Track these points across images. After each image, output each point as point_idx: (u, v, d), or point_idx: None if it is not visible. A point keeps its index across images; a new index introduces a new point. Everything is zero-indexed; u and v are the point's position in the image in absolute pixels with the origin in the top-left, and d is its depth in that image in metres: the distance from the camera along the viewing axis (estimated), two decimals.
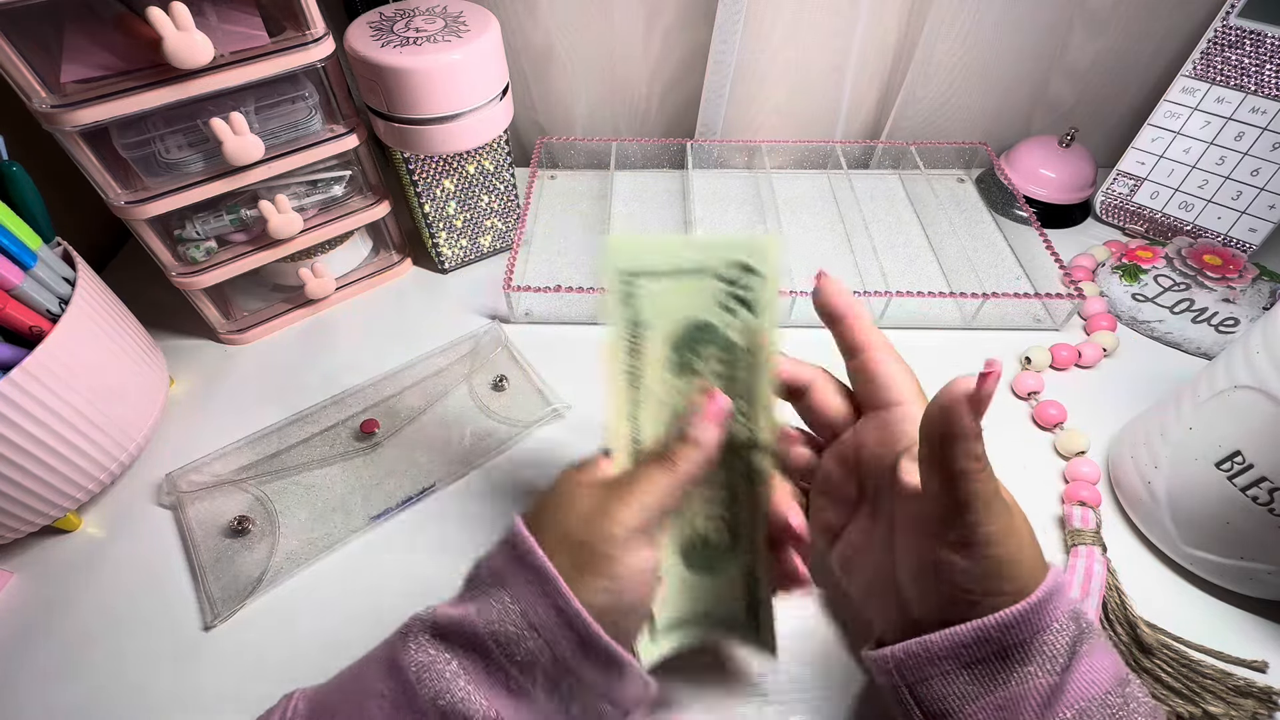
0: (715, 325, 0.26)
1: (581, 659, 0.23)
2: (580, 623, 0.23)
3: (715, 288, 0.25)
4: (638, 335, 0.26)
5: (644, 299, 0.26)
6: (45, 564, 0.37)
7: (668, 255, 0.25)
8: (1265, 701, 0.30)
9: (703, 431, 0.25)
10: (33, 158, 0.37)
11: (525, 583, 0.23)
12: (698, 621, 0.29)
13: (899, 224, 0.57)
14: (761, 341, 0.25)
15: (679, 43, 0.58)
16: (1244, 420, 0.30)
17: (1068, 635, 0.23)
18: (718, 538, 0.28)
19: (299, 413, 0.43)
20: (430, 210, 0.49)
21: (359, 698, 0.23)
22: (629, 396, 0.27)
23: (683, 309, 0.26)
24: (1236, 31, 0.47)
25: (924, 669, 0.24)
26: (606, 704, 0.24)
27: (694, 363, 0.26)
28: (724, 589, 0.28)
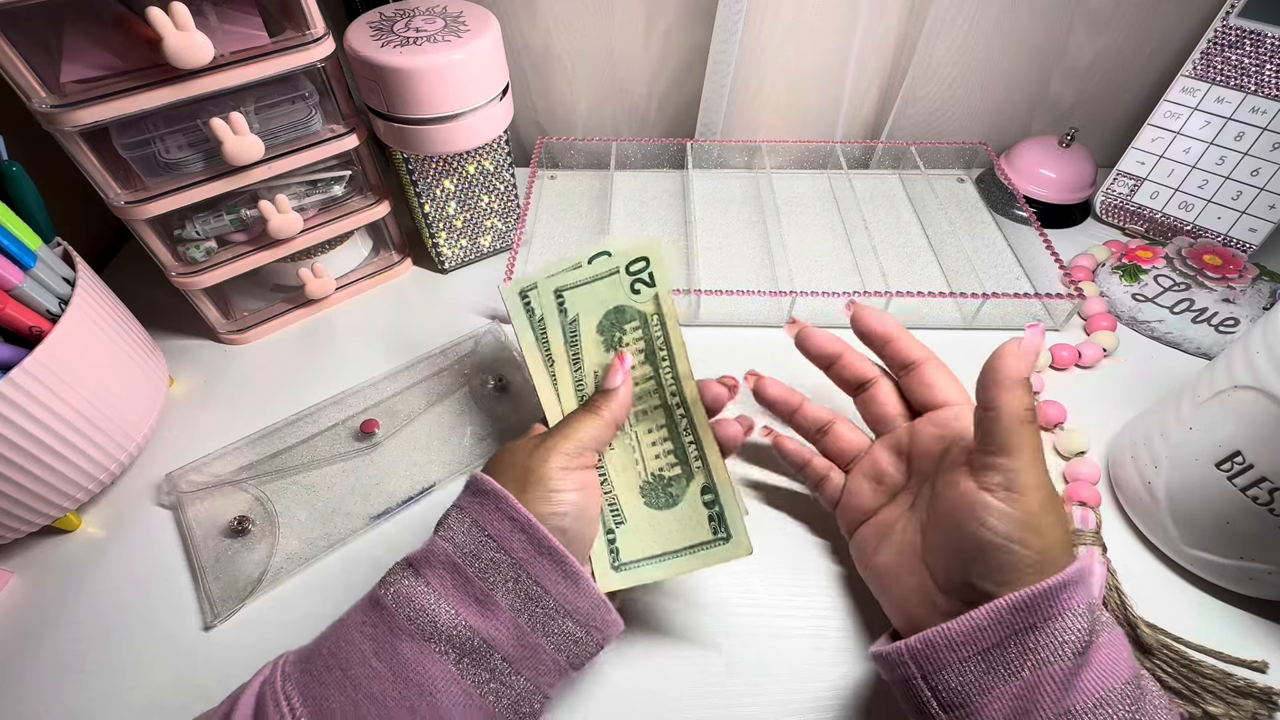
0: (625, 305, 0.33)
1: (535, 557, 0.26)
2: (530, 525, 0.26)
3: (623, 281, 0.33)
4: (574, 330, 0.33)
5: (571, 304, 0.33)
6: (45, 564, 0.37)
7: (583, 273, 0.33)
8: (1265, 701, 0.30)
9: (614, 381, 0.31)
10: (33, 158, 0.37)
11: (480, 505, 0.27)
12: (671, 555, 0.31)
13: (899, 224, 0.57)
14: (664, 303, 0.33)
15: (679, 43, 0.58)
16: (1244, 420, 0.30)
17: (1083, 623, 0.23)
18: (669, 470, 0.33)
19: (299, 413, 0.43)
20: (430, 210, 0.49)
21: (342, 631, 0.26)
22: (553, 383, 0.33)
23: (602, 302, 0.33)
24: (1236, 31, 0.47)
25: (940, 656, 0.25)
26: (569, 621, 0.27)
27: (619, 338, 0.33)
28: (689, 516, 0.32)
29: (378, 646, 0.25)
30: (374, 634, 0.25)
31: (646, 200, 0.59)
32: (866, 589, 0.34)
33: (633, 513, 0.32)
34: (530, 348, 0.34)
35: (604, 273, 0.33)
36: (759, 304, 0.47)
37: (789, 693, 0.32)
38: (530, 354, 0.34)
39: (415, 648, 0.24)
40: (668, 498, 0.32)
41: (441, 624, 0.25)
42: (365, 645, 0.25)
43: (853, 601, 0.34)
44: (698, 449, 0.32)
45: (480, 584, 0.26)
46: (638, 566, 0.31)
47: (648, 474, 0.33)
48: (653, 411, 0.33)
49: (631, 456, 0.33)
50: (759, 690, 0.32)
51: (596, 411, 0.30)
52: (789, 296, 0.47)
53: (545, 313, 0.33)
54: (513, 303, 0.34)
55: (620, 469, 0.33)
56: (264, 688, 0.25)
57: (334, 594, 0.35)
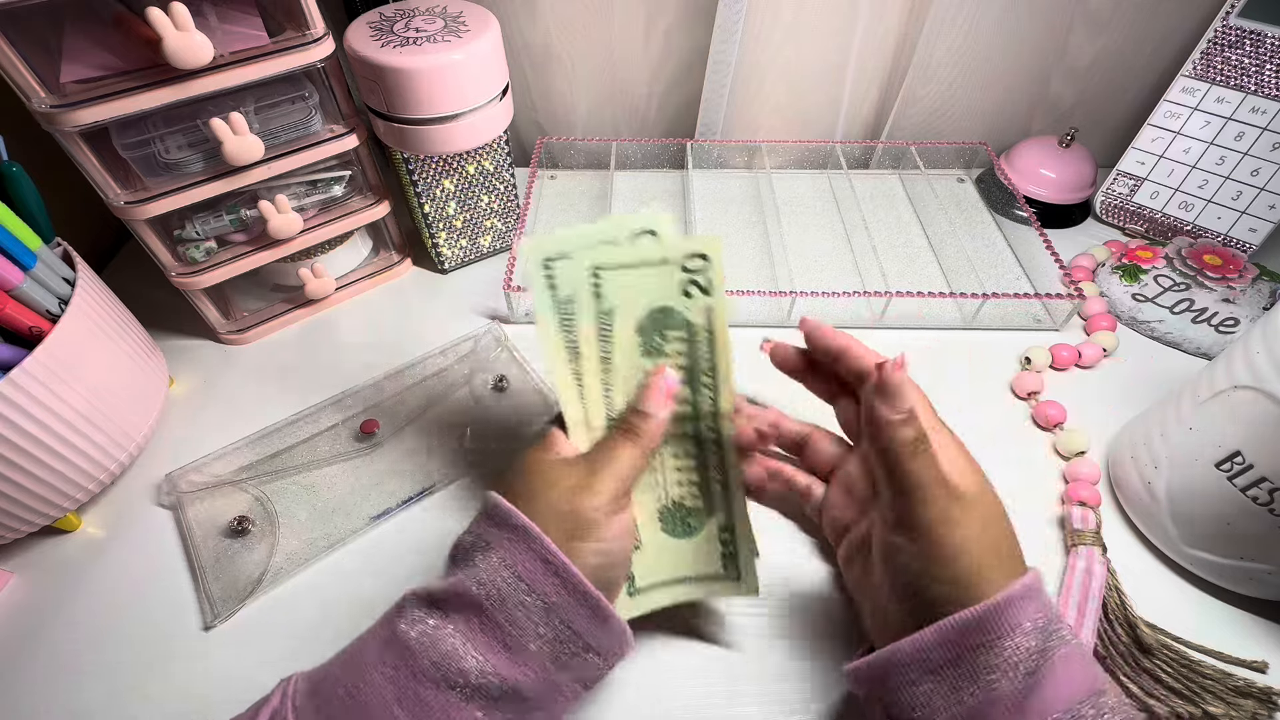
0: (675, 309, 0.29)
1: (569, 601, 0.25)
2: (565, 570, 0.25)
3: (677, 277, 0.28)
4: (608, 322, 0.28)
5: (608, 289, 0.28)
6: (45, 564, 0.37)
7: (625, 252, 0.28)
8: (1265, 702, 0.30)
9: (656, 406, 0.29)
10: (33, 158, 0.37)
11: (509, 542, 0.25)
12: (679, 582, 0.31)
13: (899, 224, 0.57)
14: (716, 318, 0.29)
15: (679, 43, 0.58)
16: (1244, 420, 0.30)
17: (1033, 641, 0.23)
18: (691, 501, 0.31)
19: (299, 413, 0.43)
20: (430, 210, 0.49)
21: (361, 670, 0.24)
22: (575, 379, 0.29)
23: (646, 295, 0.28)
24: (1236, 31, 0.47)
25: (891, 677, 0.25)
26: (593, 655, 0.26)
27: (659, 344, 0.29)
28: (702, 547, 0.31)
29: (400, 692, 0.23)
30: (395, 677, 0.23)
31: (646, 200, 0.59)
32: None
33: (649, 537, 0.30)
34: (550, 332, 0.28)
35: (653, 259, 0.28)
36: (759, 304, 0.47)
37: (789, 693, 0.32)
38: (549, 340, 0.28)
39: (440, 696, 0.23)
40: (685, 528, 0.31)
41: (469, 672, 0.23)
42: (387, 690, 0.23)
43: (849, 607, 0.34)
44: (723, 489, 0.30)
45: (510, 630, 0.24)
46: (650, 592, 0.30)
47: (668, 500, 0.31)
48: (683, 439, 0.30)
49: (654, 478, 0.31)
50: (759, 690, 0.32)
51: (635, 439, 0.28)
52: (789, 296, 0.47)
53: (577, 293, 0.28)
54: (534, 270, 0.27)
55: (641, 488, 0.30)
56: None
57: (334, 594, 0.35)
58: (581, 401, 0.29)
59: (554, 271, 0.28)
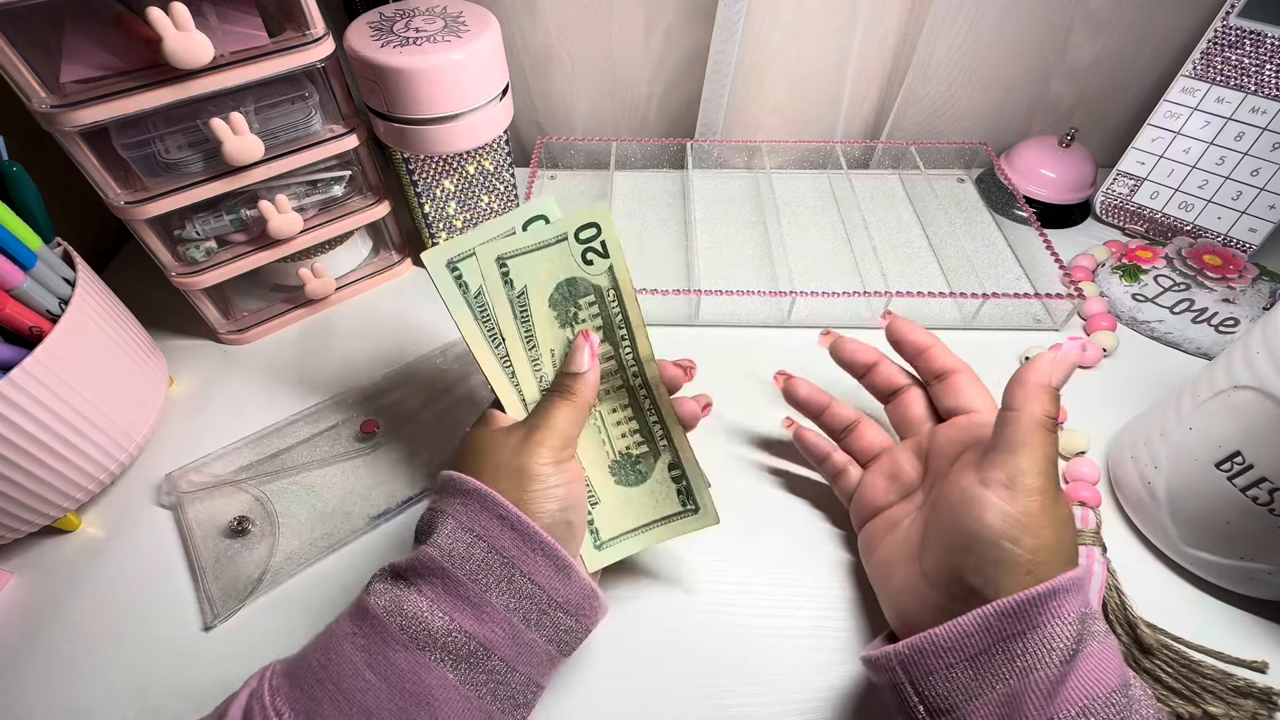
0: (580, 277, 0.31)
1: (528, 554, 0.26)
2: (520, 522, 0.26)
3: (573, 249, 0.31)
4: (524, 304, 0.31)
5: (516, 274, 0.31)
6: (45, 564, 0.37)
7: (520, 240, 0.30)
8: (1265, 701, 0.30)
9: (582, 365, 0.30)
10: (33, 158, 0.37)
11: (464, 506, 0.27)
12: (644, 528, 0.33)
13: (899, 224, 0.57)
14: (619, 276, 0.31)
15: (679, 43, 0.58)
16: (1244, 420, 0.30)
17: (1072, 631, 0.23)
18: (636, 448, 0.33)
19: (299, 413, 0.43)
20: (430, 210, 0.49)
21: (332, 643, 0.25)
22: (502, 362, 0.31)
23: (551, 272, 0.31)
24: (1236, 31, 0.47)
25: (928, 662, 0.25)
26: (560, 613, 0.27)
27: (575, 313, 0.31)
28: (657, 490, 0.33)
29: (370, 658, 0.24)
30: (366, 645, 0.24)
31: (646, 200, 0.59)
32: (867, 589, 0.34)
33: (605, 491, 0.32)
34: (469, 324, 0.30)
35: (549, 239, 0.30)
36: (759, 304, 0.47)
37: (789, 693, 0.32)
38: (469, 331, 0.31)
39: (410, 658, 0.24)
40: (637, 475, 0.33)
41: (436, 631, 0.24)
42: (357, 657, 0.24)
43: (853, 602, 0.34)
44: (662, 428, 0.33)
45: (473, 587, 0.25)
46: (617, 542, 0.32)
47: (615, 453, 0.33)
48: (615, 391, 0.33)
49: (598, 436, 0.33)
50: (760, 690, 0.32)
51: (569, 397, 0.30)
52: (789, 297, 0.47)
53: (488, 284, 0.30)
54: (439, 275, 0.30)
55: (589, 449, 0.33)
56: (251, 702, 0.24)
57: (334, 594, 0.35)
58: (513, 380, 0.31)
59: (459, 270, 0.30)
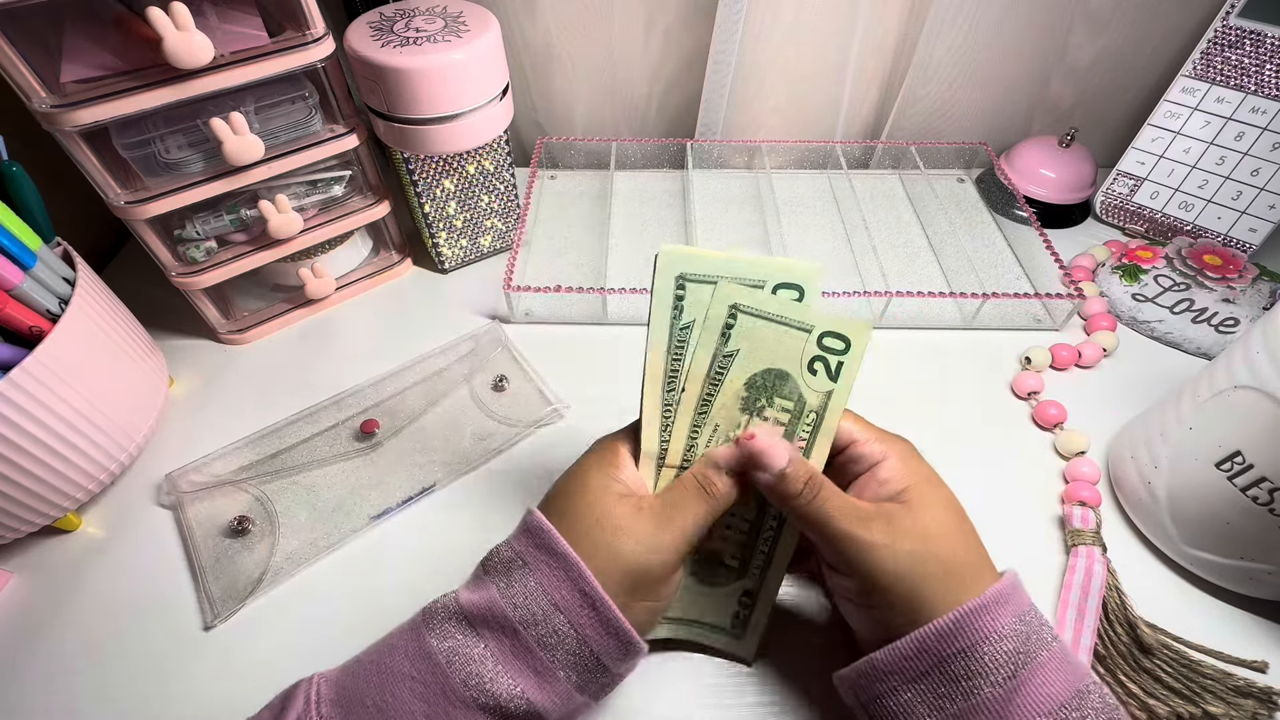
0: (794, 378, 0.27)
1: (603, 638, 0.25)
2: (603, 605, 0.24)
3: (808, 347, 0.27)
4: (724, 366, 0.27)
5: (739, 333, 0.27)
6: (45, 564, 0.37)
7: (773, 304, 0.27)
8: (1265, 701, 0.30)
9: (772, 461, 0.26)
10: (33, 158, 0.37)
11: (548, 567, 0.25)
12: (689, 623, 0.32)
13: (899, 224, 0.57)
14: (833, 404, 0.27)
15: (679, 43, 0.58)
16: (1244, 420, 0.30)
17: (1010, 645, 0.23)
18: (729, 559, 0.31)
19: (299, 413, 0.43)
20: (430, 210, 0.49)
21: (388, 681, 0.24)
22: (664, 409, 0.28)
23: (772, 354, 0.27)
24: (1236, 31, 0.47)
25: (873, 686, 0.25)
26: (609, 676, 0.26)
27: (763, 406, 0.28)
28: (719, 600, 0.31)
29: (430, 710, 0.23)
30: (425, 694, 0.24)
31: (646, 200, 0.59)
32: None
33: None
34: (659, 354, 0.27)
35: (794, 321, 0.26)
36: None
37: (789, 693, 0.32)
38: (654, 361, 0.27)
39: (469, 717, 0.23)
40: (710, 581, 0.31)
41: (499, 695, 0.23)
42: (416, 707, 0.23)
43: None
44: (765, 563, 0.30)
45: (542, 656, 0.24)
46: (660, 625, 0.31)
47: (709, 550, 0.30)
48: (748, 501, 0.29)
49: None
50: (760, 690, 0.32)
51: (711, 498, 0.27)
52: None
53: (706, 324, 0.27)
54: (665, 284, 0.26)
55: None
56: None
57: (334, 594, 0.35)
58: (662, 435, 0.28)
59: (684, 293, 0.27)
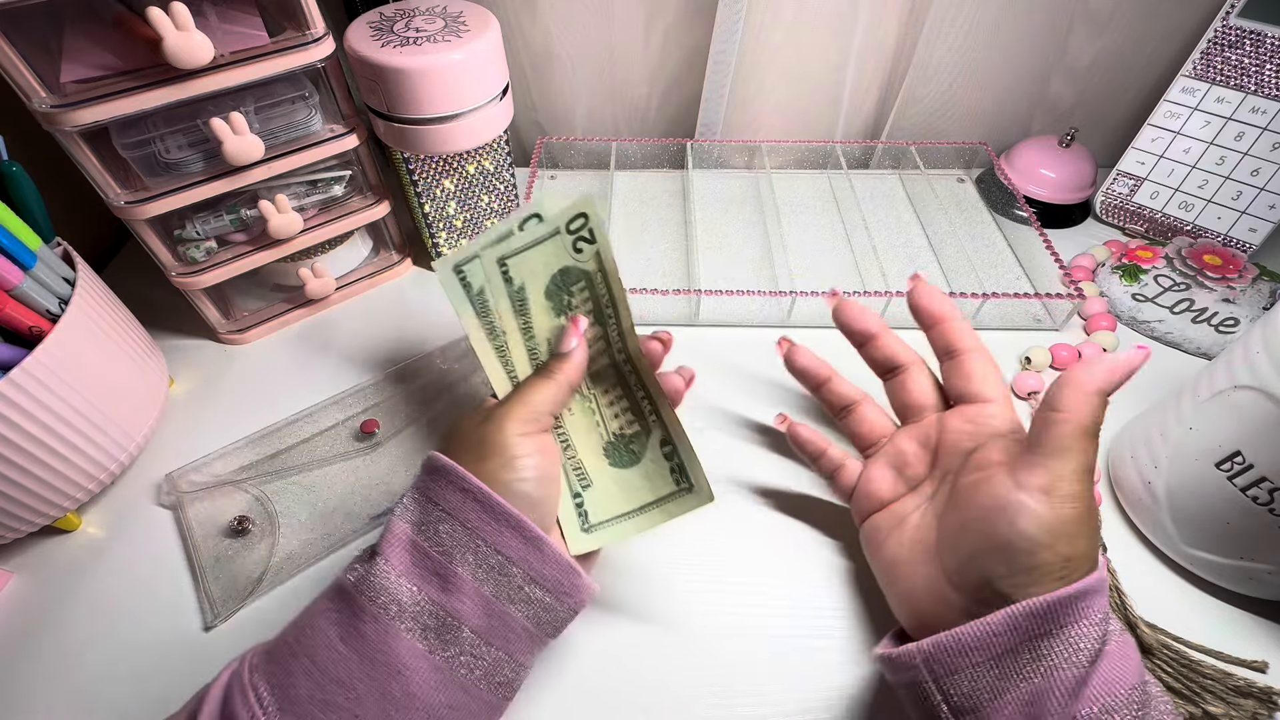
0: (571, 265, 0.32)
1: (492, 525, 0.26)
2: (482, 493, 0.26)
3: (563, 241, 0.31)
4: (522, 298, 0.32)
5: (515, 272, 0.32)
6: (45, 564, 0.37)
7: (519, 239, 0.31)
8: (1265, 701, 0.30)
9: (568, 345, 0.31)
10: (33, 158, 0.37)
11: (432, 481, 0.27)
12: (638, 511, 0.32)
13: (899, 224, 0.57)
14: (604, 257, 0.31)
15: (679, 43, 0.58)
16: (1244, 420, 0.30)
17: (1098, 630, 0.23)
18: (629, 427, 0.33)
19: (299, 413, 0.43)
20: (430, 210, 0.49)
21: (308, 619, 0.26)
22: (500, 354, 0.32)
23: (545, 266, 0.32)
24: (1236, 31, 0.47)
25: (953, 660, 0.24)
26: (536, 588, 0.26)
27: (568, 301, 0.32)
28: (651, 470, 0.32)
29: (342, 631, 0.25)
30: (338, 619, 0.25)
31: (646, 200, 0.59)
32: (870, 589, 0.34)
33: (598, 474, 0.32)
34: (471, 321, 0.32)
35: (544, 235, 0.31)
36: (759, 304, 0.47)
37: (790, 693, 0.32)
38: (472, 328, 0.32)
39: (380, 628, 0.24)
40: (630, 455, 0.33)
41: (405, 602, 0.25)
42: (330, 630, 0.25)
43: (856, 602, 0.34)
44: (650, 403, 0.32)
45: (440, 559, 0.25)
46: (607, 526, 0.31)
47: (609, 434, 0.33)
48: (605, 371, 0.33)
49: (592, 419, 0.33)
50: (761, 691, 0.32)
51: (550, 375, 0.30)
52: (789, 297, 0.47)
53: (489, 284, 0.32)
54: (447, 280, 0.32)
55: (582, 432, 0.33)
56: (231, 680, 0.25)
57: None
58: (508, 370, 0.32)
59: (465, 273, 0.32)
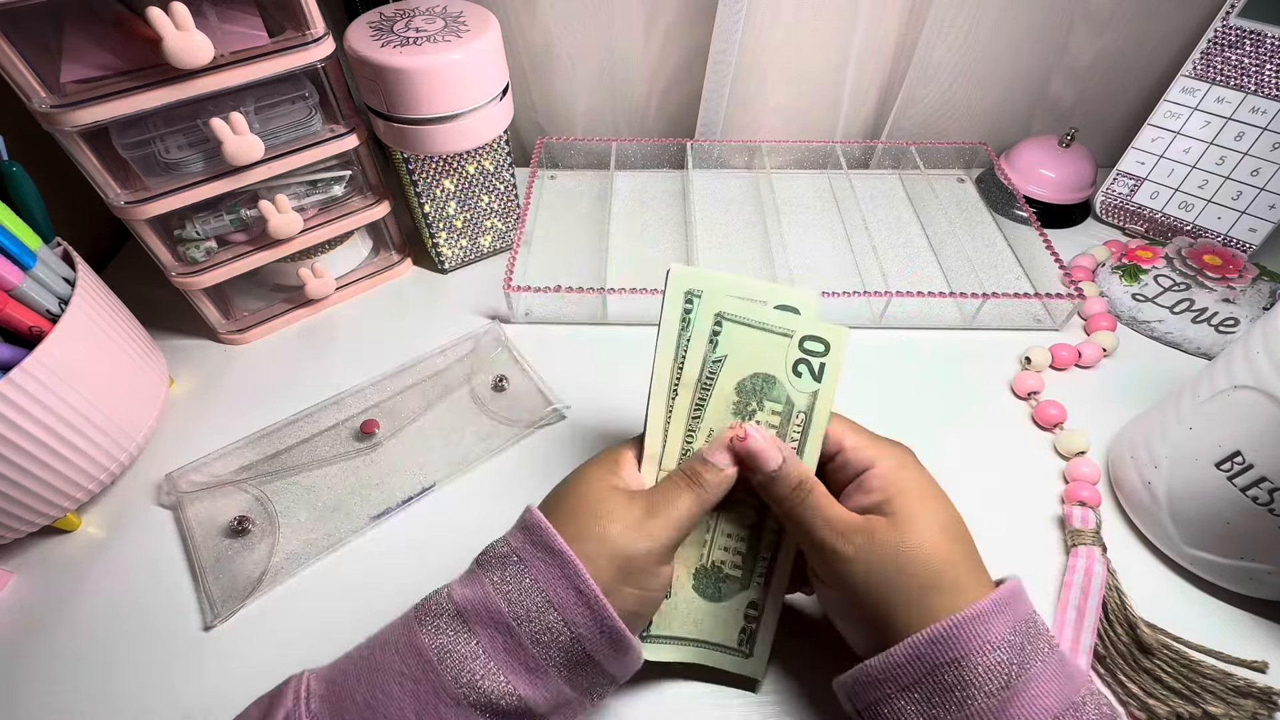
0: (780, 381, 0.29)
1: (596, 638, 0.25)
2: (598, 604, 0.24)
3: (791, 351, 0.28)
4: (714, 371, 0.29)
5: (725, 340, 0.29)
6: (45, 564, 0.37)
7: (757, 311, 0.28)
8: (1265, 701, 0.30)
9: (724, 460, 0.28)
10: (33, 158, 0.37)
11: (544, 564, 0.25)
12: (697, 644, 0.31)
13: (899, 224, 0.57)
14: (819, 404, 0.28)
15: (679, 43, 0.58)
16: (1244, 420, 0.30)
17: (1005, 655, 0.23)
18: (731, 569, 0.30)
19: (299, 413, 0.43)
20: (430, 210, 0.49)
21: (378, 677, 0.24)
22: (667, 414, 0.29)
23: (757, 359, 0.29)
24: (1236, 31, 0.47)
25: (869, 693, 0.25)
26: (605, 678, 0.26)
27: (754, 409, 0.29)
28: (725, 617, 0.31)
29: (420, 706, 0.23)
30: (415, 691, 0.23)
31: (646, 200, 0.59)
32: None
33: (679, 591, 0.30)
34: (666, 356, 0.29)
35: (776, 327, 0.28)
36: None
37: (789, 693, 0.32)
38: (663, 363, 0.29)
39: (459, 713, 0.23)
40: (715, 591, 0.30)
41: (489, 691, 0.23)
42: (406, 703, 0.23)
43: None
44: (768, 569, 0.30)
45: (534, 652, 0.24)
46: (662, 643, 0.30)
47: (708, 560, 0.30)
48: (745, 508, 0.30)
49: (703, 537, 0.30)
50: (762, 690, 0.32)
51: (700, 490, 0.27)
52: None
53: (694, 332, 0.29)
54: (674, 296, 0.29)
55: (687, 543, 0.30)
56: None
57: (334, 594, 0.35)
58: (664, 436, 0.29)
59: (691, 306, 0.29)
